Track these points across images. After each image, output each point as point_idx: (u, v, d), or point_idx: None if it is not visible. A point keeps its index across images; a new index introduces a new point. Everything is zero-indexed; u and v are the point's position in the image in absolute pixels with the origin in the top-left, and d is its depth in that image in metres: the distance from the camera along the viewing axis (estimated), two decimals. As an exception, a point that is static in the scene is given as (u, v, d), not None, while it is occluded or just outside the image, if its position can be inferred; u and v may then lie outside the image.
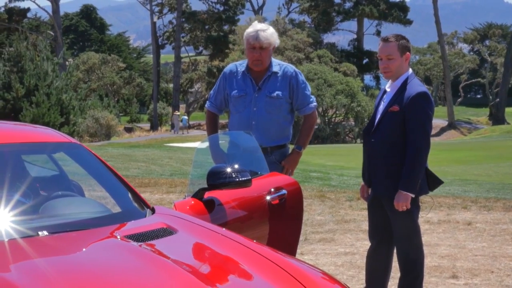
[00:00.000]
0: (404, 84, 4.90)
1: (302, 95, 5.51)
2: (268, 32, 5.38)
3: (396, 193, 4.83)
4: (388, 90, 5.01)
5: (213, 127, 5.67)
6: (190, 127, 54.35)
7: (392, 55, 4.89)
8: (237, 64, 5.61)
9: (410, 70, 4.99)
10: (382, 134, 4.93)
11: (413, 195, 4.82)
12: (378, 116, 5.00)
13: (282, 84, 5.44)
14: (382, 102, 5.03)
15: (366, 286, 5.29)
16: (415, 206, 4.95)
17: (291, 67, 5.56)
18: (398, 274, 5.14)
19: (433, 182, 5.07)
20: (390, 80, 5.01)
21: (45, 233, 3.15)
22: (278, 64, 5.52)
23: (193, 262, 3.05)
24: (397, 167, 4.85)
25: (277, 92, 5.41)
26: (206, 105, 5.72)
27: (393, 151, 4.88)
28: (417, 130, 4.80)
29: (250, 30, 5.41)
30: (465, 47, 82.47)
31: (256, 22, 5.60)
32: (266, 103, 5.40)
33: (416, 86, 4.88)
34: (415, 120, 4.81)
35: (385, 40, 4.94)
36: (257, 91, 5.43)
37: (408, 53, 4.93)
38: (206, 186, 4.04)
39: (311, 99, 5.58)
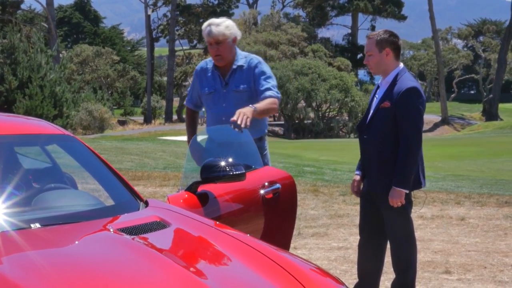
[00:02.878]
0: (395, 79, 4.89)
1: (259, 82, 5.24)
2: (222, 26, 5.22)
3: (390, 189, 4.83)
4: (380, 86, 5.01)
5: (191, 123, 5.64)
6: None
7: (370, 51, 4.92)
8: (207, 61, 5.48)
9: (401, 65, 4.96)
10: (375, 130, 4.92)
11: (407, 191, 4.81)
12: (371, 112, 5.00)
13: (248, 77, 5.28)
14: (375, 98, 5.02)
15: (358, 281, 5.28)
16: (407, 202, 4.94)
17: (256, 58, 5.37)
18: (391, 269, 5.14)
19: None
20: (381, 76, 5.02)
21: (38, 225, 3.13)
22: (244, 57, 5.35)
23: (186, 256, 3.03)
24: (390, 164, 4.84)
25: (242, 86, 5.27)
26: (185, 102, 5.67)
27: (385, 147, 4.87)
28: (408, 126, 4.79)
29: (204, 26, 5.27)
30: (459, 43, 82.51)
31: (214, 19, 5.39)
32: (234, 98, 5.26)
33: (407, 81, 4.86)
34: (406, 115, 4.80)
35: (367, 37, 5.00)
36: (225, 86, 5.30)
37: (388, 48, 4.87)
38: (199, 179, 4.02)
39: (273, 88, 5.24)
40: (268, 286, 2.79)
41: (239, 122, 4.59)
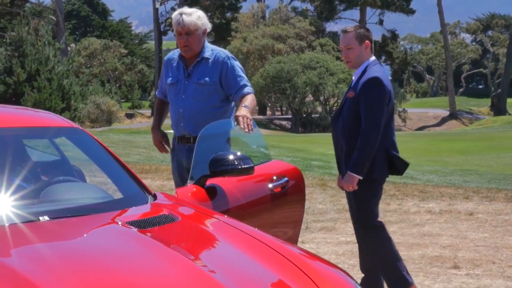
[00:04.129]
0: (364, 70, 4.99)
1: (233, 78, 5.08)
2: (194, 16, 5.05)
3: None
4: (353, 78, 5.10)
5: (159, 113, 5.52)
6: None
7: (350, 45, 5.00)
8: (175, 51, 5.32)
9: (372, 58, 5.07)
10: (343, 120, 5.02)
11: (360, 177, 4.84)
12: (341, 104, 5.13)
13: (213, 70, 5.09)
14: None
15: (364, 275, 5.26)
16: (370, 193, 4.96)
17: (223, 52, 5.18)
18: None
19: (400, 164, 5.05)
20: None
21: (46, 218, 3.13)
22: (211, 50, 5.16)
23: (194, 249, 3.03)
24: None
25: (205, 79, 5.08)
26: (156, 92, 5.57)
27: (352, 137, 4.95)
28: (366, 114, 4.87)
29: (174, 14, 5.11)
30: (467, 37, 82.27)
31: (185, 7, 5.25)
32: (195, 91, 5.09)
33: (372, 72, 4.97)
34: (364, 104, 4.88)
35: (344, 31, 5.07)
36: (187, 77, 5.13)
37: (367, 41, 5.01)
38: (208, 173, 4.02)
39: (248, 83, 5.14)
40: (276, 279, 2.78)
41: (244, 128, 4.51)
